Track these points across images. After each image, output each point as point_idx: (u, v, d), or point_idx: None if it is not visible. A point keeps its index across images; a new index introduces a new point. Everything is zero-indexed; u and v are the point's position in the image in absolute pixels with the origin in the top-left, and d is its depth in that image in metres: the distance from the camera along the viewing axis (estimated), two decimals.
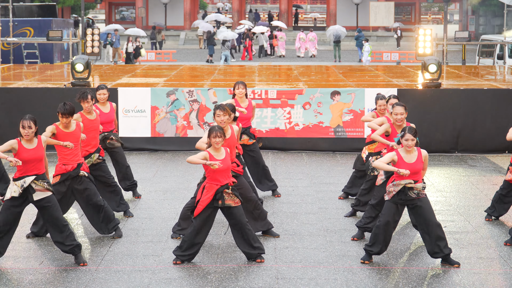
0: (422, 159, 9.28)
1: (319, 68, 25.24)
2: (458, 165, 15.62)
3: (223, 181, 9.30)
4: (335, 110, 16.72)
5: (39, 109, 16.60)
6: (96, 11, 74.14)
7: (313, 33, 47.28)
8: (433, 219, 9.28)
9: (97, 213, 10.26)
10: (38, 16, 34.31)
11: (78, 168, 10.09)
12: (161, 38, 48.46)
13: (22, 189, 9.10)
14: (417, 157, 9.26)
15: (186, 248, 9.34)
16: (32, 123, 9.09)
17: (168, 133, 16.79)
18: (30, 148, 9.13)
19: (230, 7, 71.03)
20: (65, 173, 10.03)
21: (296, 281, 8.83)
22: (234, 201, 9.34)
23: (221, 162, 9.21)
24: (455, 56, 41.69)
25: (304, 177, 14.30)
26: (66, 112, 9.87)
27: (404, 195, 9.26)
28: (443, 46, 23.45)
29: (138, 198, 12.63)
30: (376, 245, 9.34)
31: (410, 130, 9.21)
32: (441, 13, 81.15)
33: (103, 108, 12.10)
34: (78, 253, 9.34)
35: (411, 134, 9.18)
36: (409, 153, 9.25)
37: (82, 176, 10.13)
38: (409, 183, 9.23)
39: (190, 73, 21.86)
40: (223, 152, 9.32)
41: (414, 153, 9.27)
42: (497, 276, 9.06)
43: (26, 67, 24.02)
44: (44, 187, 9.18)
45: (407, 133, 9.20)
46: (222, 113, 10.01)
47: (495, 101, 16.66)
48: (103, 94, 12.11)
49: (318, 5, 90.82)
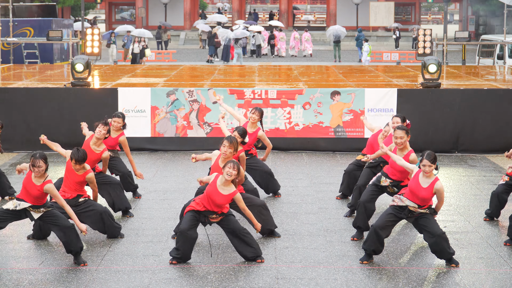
0: (432, 190, 9.19)
1: (319, 68, 25.24)
2: (458, 165, 15.63)
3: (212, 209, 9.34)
4: (335, 110, 16.72)
5: (39, 109, 16.62)
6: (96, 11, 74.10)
7: (307, 33, 47.58)
8: (436, 229, 9.26)
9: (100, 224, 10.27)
10: (38, 16, 34.29)
11: (78, 198, 10.08)
12: (166, 38, 48.62)
13: (14, 208, 9.27)
14: (429, 185, 9.19)
15: (180, 246, 9.30)
16: (42, 162, 9.17)
17: (168, 133, 16.79)
18: (35, 183, 9.23)
19: (229, 7, 71.02)
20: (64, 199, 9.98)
21: (296, 281, 8.83)
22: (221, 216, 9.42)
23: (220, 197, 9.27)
24: (455, 56, 41.69)
25: (304, 177, 14.30)
26: (79, 160, 9.86)
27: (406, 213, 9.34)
28: (443, 46, 23.44)
29: (138, 198, 12.63)
30: (370, 244, 9.35)
31: (428, 156, 9.14)
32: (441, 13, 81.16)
33: (112, 133, 12.15)
34: (79, 254, 9.37)
35: (429, 161, 9.11)
36: (426, 178, 9.21)
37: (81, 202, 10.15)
38: (413, 206, 9.27)
39: (190, 73, 21.86)
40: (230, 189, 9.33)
41: (429, 180, 9.21)
42: (497, 276, 9.06)
43: (26, 67, 24.02)
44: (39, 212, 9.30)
45: (425, 159, 9.14)
46: (228, 145, 10.13)
47: (495, 101, 16.66)
48: (117, 122, 12.17)
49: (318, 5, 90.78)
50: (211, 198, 9.29)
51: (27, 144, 16.25)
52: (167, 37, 48.71)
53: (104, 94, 16.82)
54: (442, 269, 9.28)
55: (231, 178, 9.25)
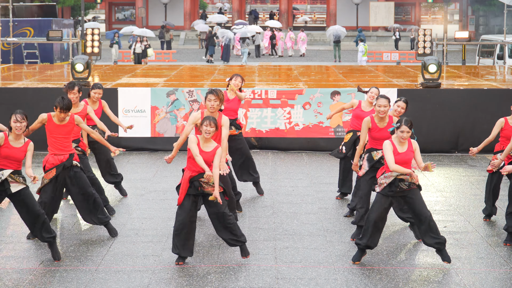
0: (412, 148, 9.24)
1: (319, 68, 25.24)
2: (458, 165, 15.63)
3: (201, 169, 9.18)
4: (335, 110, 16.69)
5: (39, 109, 16.58)
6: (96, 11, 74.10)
7: (303, 33, 47.76)
8: (424, 211, 9.25)
9: (86, 202, 10.22)
10: (38, 16, 34.31)
11: (71, 158, 10.08)
12: (169, 37, 48.68)
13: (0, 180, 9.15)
14: (408, 147, 9.24)
15: (179, 241, 9.27)
16: (24, 117, 9.16)
17: (168, 133, 16.79)
18: (15, 146, 9.18)
19: (229, 7, 71.03)
20: (59, 164, 10.00)
21: (296, 281, 8.83)
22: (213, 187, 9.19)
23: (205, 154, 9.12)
24: (455, 56, 41.70)
25: (304, 177, 14.30)
26: (64, 107, 9.83)
27: (395, 187, 9.24)
28: (443, 46, 23.45)
29: (125, 197, 12.59)
30: (365, 238, 9.33)
31: (406, 122, 9.16)
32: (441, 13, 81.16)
33: (92, 106, 12.13)
34: (54, 244, 9.39)
35: (407, 126, 9.14)
36: (402, 144, 9.24)
37: (75, 165, 10.12)
38: (400, 174, 9.21)
39: (190, 73, 21.86)
40: (212, 145, 9.23)
41: (405, 145, 9.26)
42: (497, 276, 9.06)
43: (26, 67, 24.02)
44: (20, 181, 9.25)
45: (403, 124, 9.14)
46: (214, 98, 10.01)
47: (495, 101, 16.66)
48: (98, 93, 12.19)
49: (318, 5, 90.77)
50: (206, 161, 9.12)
51: None
52: (169, 37, 48.80)
53: (104, 94, 16.73)
54: (442, 269, 9.28)
55: (210, 135, 9.14)
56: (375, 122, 10.17)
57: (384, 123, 10.11)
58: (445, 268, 9.28)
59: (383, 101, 10.09)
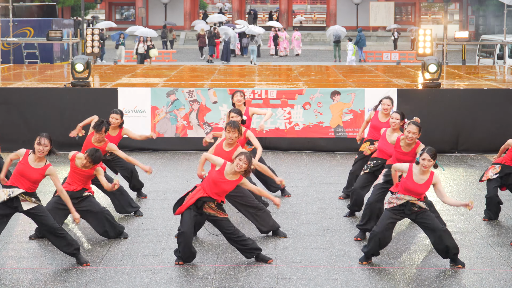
0: (430, 183, 9.12)
1: (319, 68, 25.24)
2: (458, 165, 15.63)
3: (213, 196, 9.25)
4: (335, 110, 16.72)
5: (39, 109, 16.62)
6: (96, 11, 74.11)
7: (298, 33, 47.85)
8: (438, 226, 9.25)
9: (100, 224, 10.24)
10: (38, 16, 34.31)
11: (82, 191, 10.12)
12: (171, 37, 48.71)
13: (8, 197, 9.13)
14: (426, 181, 9.12)
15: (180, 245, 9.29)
16: (48, 142, 9.14)
17: (168, 133, 16.79)
18: (33, 166, 9.18)
19: (230, 7, 71.04)
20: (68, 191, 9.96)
21: (296, 281, 8.83)
22: (218, 212, 9.30)
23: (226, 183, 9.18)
24: (455, 56, 41.68)
25: (304, 177, 14.30)
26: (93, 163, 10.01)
27: (407, 210, 9.24)
28: (443, 46, 23.45)
29: (144, 198, 12.64)
30: (371, 249, 9.31)
31: (429, 151, 9.03)
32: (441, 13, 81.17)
33: (111, 132, 12.12)
34: (78, 254, 9.35)
35: (430, 155, 9.02)
36: (422, 174, 9.12)
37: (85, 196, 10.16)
38: (413, 199, 9.21)
39: (190, 73, 21.86)
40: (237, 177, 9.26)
41: (426, 175, 9.13)
42: (497, 276, 9.06)
43: (26, 67, 24.02)
44: (31, 201, 9.22)
45: (425, 153, 9.03)
46: (232, 130, 10.15)
47: (495, 101, 16.66)
48: (115, 119, 12.16)
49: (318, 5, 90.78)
50: (216, 185, 9.18)
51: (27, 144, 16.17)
52: (172, 36, 48.86)
53: (104, 94, 16.82)
54: (442, 269, 9.28)
55: (241, 171, 9.11)
56: (400, 146, 10.29)
57: (410, 148, 10.21)
58: (445, 268, 9.28)
59: (413, 128, 10.08)
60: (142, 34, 39.36)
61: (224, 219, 9.31)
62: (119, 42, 40.66)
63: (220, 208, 9.34)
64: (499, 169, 11.29)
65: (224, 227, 9.33)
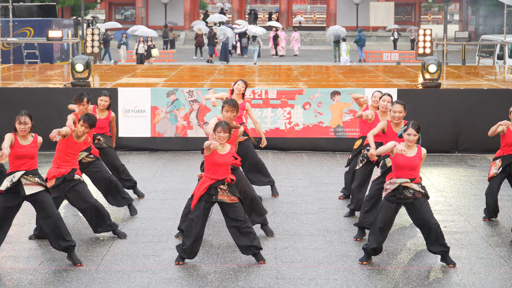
0: (421, 156, 9.26)
1: (319, 68, 25.24)
2: (458, 165, 15.63)
3: (220, 176, 9.30)
4: (335, 110, 16.73)
5: (39, 109, 16.61)
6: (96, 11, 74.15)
7: (297, 33, 47.98)
8: (430, 219, 9.25)
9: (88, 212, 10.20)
10: (38, 16, 34.32)
11: (73, 172, 10.07)
12: (172, 37, 48.75)
13: (11, 184, 9.10)
14: (416, 153, 9.25)
15: (186, 243, 9.28)
16: (28, 119, 9.17)
17: (168, 133, 16.79)
18: (24, 144, 9.18)
19: (230, 7, 71.05)
20: (59, 176, 9.97)
21: (296, 281, 8.83)
22: (230, 197, 9.30)
23: (222, 157, 9.25)
24: (455, 56, 41.70)
25: (304, 177, 14.30)
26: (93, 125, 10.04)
27: (400, 194, 9.25)
28: (443, 46, 23.45)
29: (142, 198, 12.61)
30: (373, 242, 9.32)
31: (413, 125, 9.21)
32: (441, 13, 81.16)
33: (100, 114, 12.07)
34: (72, 251, 9.33)
35: (414, 129, 9.18)
36: (409, 148, 9.26)
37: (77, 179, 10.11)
38: (405, 182, 9.22)
39: (190, 73, 21.86)
40: (227, 147, 9.36)
41: (414, 149, 9.27)
42: (497, 276, 9.06)
43: (26, 67, 24.02)
44: (34, 181, 9.18)
45: (410, 127, 9.20)
46: (231, 109, 10.23)
47: (495, 101, 16.66)
48: (105, 101, 12.09)
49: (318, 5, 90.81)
50: (215, 163, 9.24)
51: None
52: (173, 36, 48.90)
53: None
54: (442, 269, 9.28)
55: (224, 141, 9.25)
56: (391, 127, 10.27)
57: (399, 129, 10.19)
58: (445, 268, 9.28)
59: (398, 107, 10.21)
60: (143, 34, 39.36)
61: (236, 204, 9.31)
62: (121, 41, 40.69)
63: (231, 190, 9.33)
64: (500, 163, 11.29)
65: (237, 212, 9.30)
